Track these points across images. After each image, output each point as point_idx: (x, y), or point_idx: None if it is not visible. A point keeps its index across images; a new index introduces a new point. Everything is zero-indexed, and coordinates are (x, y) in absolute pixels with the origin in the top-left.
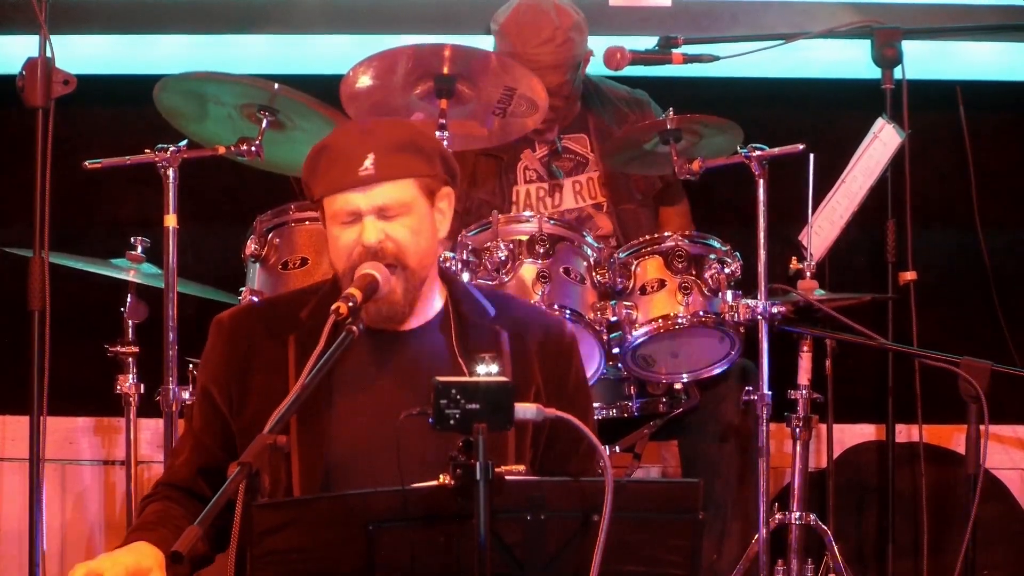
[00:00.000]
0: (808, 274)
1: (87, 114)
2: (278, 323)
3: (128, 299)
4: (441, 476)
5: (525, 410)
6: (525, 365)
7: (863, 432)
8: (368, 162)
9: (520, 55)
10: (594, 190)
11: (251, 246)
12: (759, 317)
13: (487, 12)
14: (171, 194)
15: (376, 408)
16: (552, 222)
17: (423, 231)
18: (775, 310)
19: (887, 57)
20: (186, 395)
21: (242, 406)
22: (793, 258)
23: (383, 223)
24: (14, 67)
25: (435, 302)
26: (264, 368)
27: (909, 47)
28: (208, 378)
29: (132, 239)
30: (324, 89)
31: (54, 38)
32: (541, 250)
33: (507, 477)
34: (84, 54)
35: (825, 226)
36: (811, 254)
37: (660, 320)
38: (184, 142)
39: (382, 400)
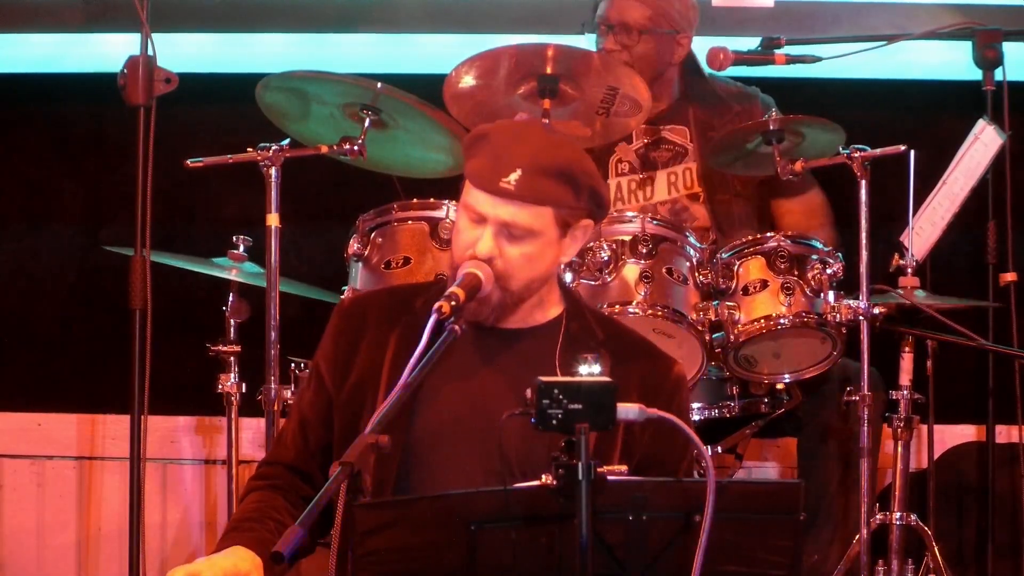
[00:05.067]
0: (909, 271)
1: (189, 112)
2: (389, 312)
3: (230, 298)
4: (543, 476)
5: (627, 410)
6: (623, 393)
7: (963, 433)
8: (513, 176)
9: None
10: (690, 180)
11: (353, 245)
12: (861, 318)
13: (589, 12)
14: (273, 193)
15: (464, 399)
16: (655, 222)
17: (540, 260)
18: (876, 311)
19: (988, 59)
20: (288, 394)
21: (343, 380)
22: (895, 255)
23: (503, 240)
24: (116, 65)
25: (550, 311)
26: (367, 349)
27: (1010, 49)
28: (321, 354)
29: (234, 238)
30: (427, 88)
31: (155, 36)
32: (644, 250)
33: (609, 477)
34: (186, 52)
35: (926, 227)
36: (913, 255)
37: (762, 320)
38: (286, 141)
39: (473, 392)
